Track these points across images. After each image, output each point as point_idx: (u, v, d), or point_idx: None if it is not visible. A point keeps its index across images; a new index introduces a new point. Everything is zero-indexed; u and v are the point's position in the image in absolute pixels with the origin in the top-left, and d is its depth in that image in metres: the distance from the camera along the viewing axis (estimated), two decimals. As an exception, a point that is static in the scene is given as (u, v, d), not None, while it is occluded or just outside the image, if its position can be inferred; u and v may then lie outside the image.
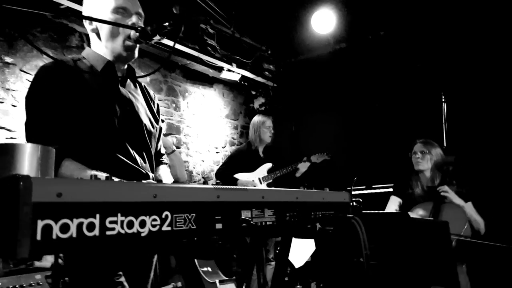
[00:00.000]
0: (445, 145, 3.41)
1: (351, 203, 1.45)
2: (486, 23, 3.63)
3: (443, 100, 3.41)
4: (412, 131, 3.97)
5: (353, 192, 2.63)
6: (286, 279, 3.15)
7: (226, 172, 3.93)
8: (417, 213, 2.63)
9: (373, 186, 2.72)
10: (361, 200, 2.32)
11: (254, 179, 3.87)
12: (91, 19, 1.47)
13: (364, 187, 2.72)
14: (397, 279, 1.60)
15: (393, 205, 2.89)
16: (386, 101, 4.35)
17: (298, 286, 4.16)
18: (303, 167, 3.86)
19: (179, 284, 2.90)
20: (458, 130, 3.51)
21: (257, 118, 4.10)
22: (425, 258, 1.63)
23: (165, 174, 1.74)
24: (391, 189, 2.89)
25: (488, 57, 3.61)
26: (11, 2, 2.77)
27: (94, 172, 0.94)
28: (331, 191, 1.37)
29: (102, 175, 0.84)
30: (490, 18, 3.59)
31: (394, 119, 4.28)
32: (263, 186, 3.86)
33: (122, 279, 1.33)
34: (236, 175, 3.91)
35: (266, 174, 3.91)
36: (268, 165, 3.94)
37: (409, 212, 2.61)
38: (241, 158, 4.00)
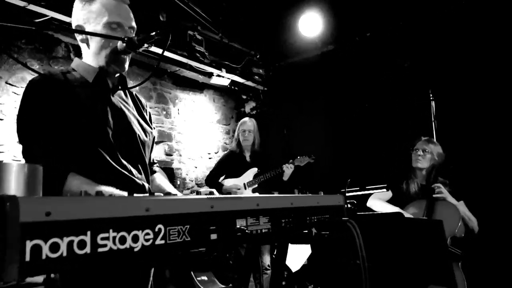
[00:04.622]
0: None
1: (345, 206, 1.44)
2: (474, 22, 3.68)
3: (432, 98, 3.44)
4: (402, 130, 4.00)
5: (347, 194, 2.62)
6: (284, 283, 3.14)
7: (214, 178, 3.93)
8: (410, 211, 2.64)
9: (367, 187, 2.72)
10: (355, 201, 2.32)
11: (240, 184, 3.85)
12: (78, 31, 1.45)
13: (357, 188, 2.72)
14: (394, 279, 1.60)
15: (382, 196, 2.88)
16: (375, 101, 4.38)
17: (296, 289, 4.14)
18: (288, 170, 3.79)
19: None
20: (448, 128, 3.55)
21: (241, 121, 4.07)
22: (421, 258, 1.63)
23: (164, 182, 1.72)
24: (384, 190, 2.89)
25: (476, 54, 3.65)
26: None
27: (91, 187, 0.92)
28: (326, 195, 1.36)
29: (93, 189, 0.82)
30: (478, 16, 3.64)
31: (384, 119, 4.31)
32: (248, 191, 3.83)
33: None
34: (222, 181, 3.90)
35: (251, 179, 3.88)
36: (254, 170, 3.92)
37: (402, 210, 2.62)
38: (229, 164, 3.98)
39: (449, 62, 3.82)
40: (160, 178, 1.74)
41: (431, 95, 3.46)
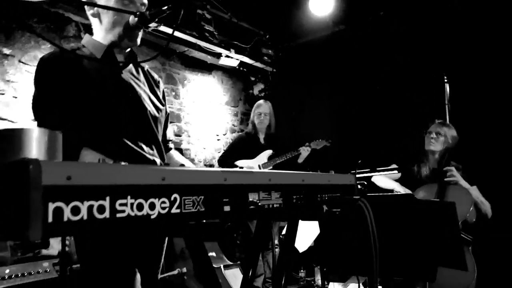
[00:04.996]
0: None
1: (356, 186, 1.45)
2: (491, 2, 3.57)
3: (446, 80, 3.38)
4: (415, 112, 3.96)
5: (357, 175, 2.62)
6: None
7: (227, 159, 3.95)
8: (421, 194, 2.63)
9: (378, 169, 2.72)
10: (365, 183, 2.32)
11: (254, 166, 3.87)
12: (90, 4, 1.45)
13: (368, 170, 2.72)
14: (404, 261, 1.60)
15: (390, 177, 2.87)
16: (387, 83, 4.32)
17: (302, 271, 4.21)
18: (304, 152, 3.84)
19: (184, 269, 2.92)
20: (462, 111, 3.49)
21: (255, 104, 4.10)
22: (432, 240, 1.63)
23: (182, 159, 1.75)
24: (395, 172, 2.88)
25: (492, 36, 3.56)
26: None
27: (103, 157, 0.94)
28: (337, 174, 1.37)
29: (109, 160, 0.84)
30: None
31: (396, 102, 4.26)
32: None
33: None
34: (236, 162, 3.92)
35: (266, 161, 3.90)
36: (268, 152, 3.93)
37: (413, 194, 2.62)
38: (242, 145, 4.01)
39: (464, 44, 3.73)
40: (178, 155, 1.77)
41: (445, 78, 3.40)
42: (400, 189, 2.81)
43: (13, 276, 2.25)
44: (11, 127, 3.35)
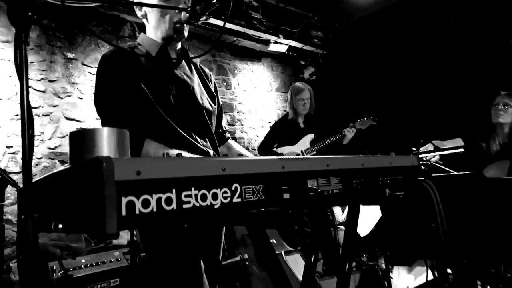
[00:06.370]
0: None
1: (420, 167, 1.38)
2: None
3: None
4: (478, 84, 3.65)
5: (420, 156, 2.48)
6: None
7: (267, 147, 3.80)
8: (491, 172, 2.45)
9: (442, 147, 2.55)
10: (429, 163, 2.19)
11: (297, 151, 3.68)
12: (138, 4, 1.50)
13: (432, 149, 2.56)
14: (474, 245, 1.51)
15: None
16: (445, 54, 4.01)
17: (364, 255, 4.12)
18: (349, 134, 3.62)
19: (246, 255, 3.00)
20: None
21: (293, 88, 3.87)
22: (504, 221, 1.51)
23: (241, 148, 1.78)
24: (461, 150, 2.70)
25: None
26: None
27: (166, 151, 0.98)
28: (398, 156, 1.31)
29: (173, 152, 0.87)
30: None
31: (456, 74, 3.95)
32: None
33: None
34: (277, 149, 3.77)
35: (308, 146, 3.72)
36: (310, 136, 3.75)
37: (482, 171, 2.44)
38: (280, 131, 3.83)
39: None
40: (236, 145, 1.81)
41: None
42: None
43: (88, 265, 2.46)
44: (81, 127, 3.63)
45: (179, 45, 1.66)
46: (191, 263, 1.38)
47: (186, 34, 1.59)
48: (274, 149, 3.84)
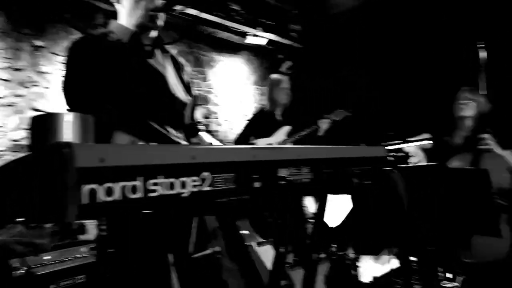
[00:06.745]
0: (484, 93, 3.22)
1: (387, 158, 1.41)
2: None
3: (481, 46, 3.19)
4: (445, 81, 3.77)
5: (389, 147, 2.56)
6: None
7: (244, 139, 3.77)
8: (455, 164, 2.56)
9: (408, 139, 2.65)
10: (396, 154, 2.27)
11: (273, 144, 3.67)
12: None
13: (400, 141, 2.65)
14: (438, 231, 1.57)
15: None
16: (419, 51, 4.12)
17: (333, 245, 4.19)
18: (323, 125, 3.68)
19: (217, 248, 2.99)
20: (497, 78, 3.30)
21: (271, 77, 3.87)
22: (466, 208, 1.59)
23: (210, 139, 1.76)
24: (427, 142, 2.81)
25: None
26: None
27: (134, 139, 0.96)
28: (367, 147, 1.34)
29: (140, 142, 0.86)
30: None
31: (427, 70, 4.07)
32: None
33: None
34: (253, 141, 3.73)
35: (284, 138, 3.73)
36: (286, 129, 3.74)
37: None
38: (257, 124, 3.81)
39: (501, 10, 3.48)
40: (207, 136, 1.79)
41: (480, 44, 3.20)
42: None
43: (52, 262, 2.33)
44: (49, 116, 3.51)
45: (154, 34, 1.61)
46: (158, 256, 1.37)
47: (162, 22, 1.55)
48: (251, 141, 3.83)
